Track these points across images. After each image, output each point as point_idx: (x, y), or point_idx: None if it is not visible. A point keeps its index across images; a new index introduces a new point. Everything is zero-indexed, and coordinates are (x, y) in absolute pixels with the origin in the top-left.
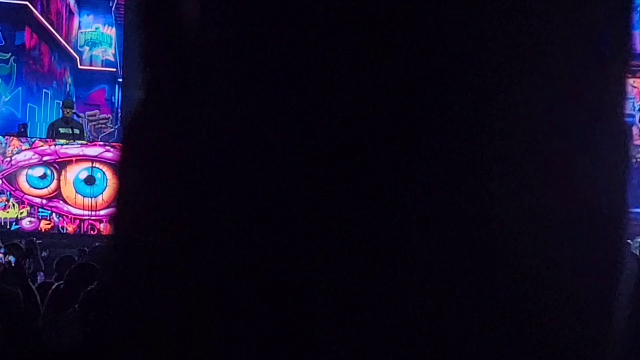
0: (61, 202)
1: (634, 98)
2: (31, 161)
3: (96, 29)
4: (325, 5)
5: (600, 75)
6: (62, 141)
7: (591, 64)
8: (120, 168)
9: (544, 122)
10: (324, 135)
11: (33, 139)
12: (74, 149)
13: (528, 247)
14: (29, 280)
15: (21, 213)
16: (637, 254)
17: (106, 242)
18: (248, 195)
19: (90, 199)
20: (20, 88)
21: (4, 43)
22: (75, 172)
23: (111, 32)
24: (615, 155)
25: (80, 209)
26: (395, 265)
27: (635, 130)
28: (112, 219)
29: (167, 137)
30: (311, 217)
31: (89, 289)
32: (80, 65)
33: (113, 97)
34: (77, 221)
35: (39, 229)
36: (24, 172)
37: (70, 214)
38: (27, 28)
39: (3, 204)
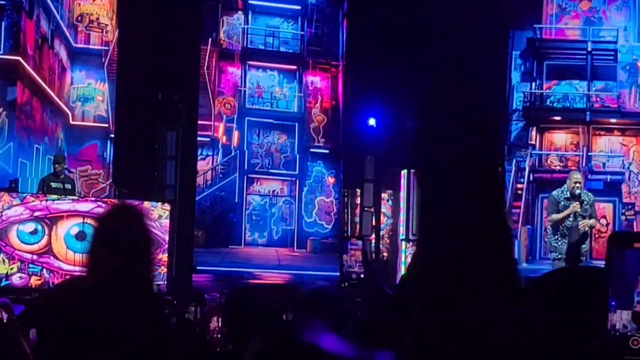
0: (52, 257)
1: (623, 156)
2: (22, 216)
3: (88, 84)
4: None
5: None
6: (54, 196)
7: None
8: None
9: None
10: None
11: (24, 194)
12: (65, 205)
13: None
14: (21, 338)
15: (11, 269)
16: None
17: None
18: None
19: (81, 254)
20: (11, 143)
21: None
22: (66, 227)
23: (103, 87)
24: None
25: (71, 264)
26: None
27: (625, 187)
28: None
29: None
30: None
31: None
32: (72, 120)
33: (105, 153)
34: (68, 277)
35: (30, 285)
36: (15, 227)
37: (61, 269)
38: (18, 83)
39: None
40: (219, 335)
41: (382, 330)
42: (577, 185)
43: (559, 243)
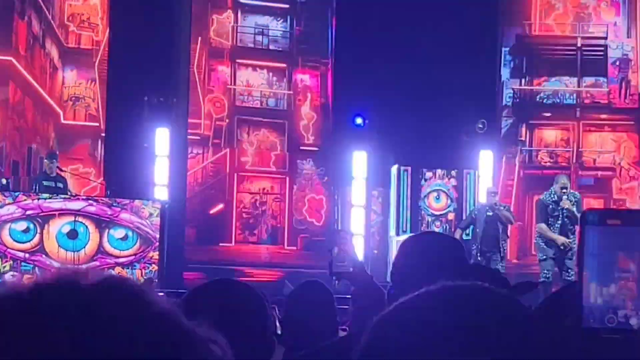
0: (44, 256)
1: (613, 152)
2: (14, 215)
3: (79, 84)
4: None
5: None
6: (45, 195)
7: None
8: None
9: None
10: None
11: (16, 193)
12: (57, 203)
13: None
14: None
15: (4, 267)
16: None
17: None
18: None
19: (72, 252)
20: (4, 143)
21: None
22: (58, 226)
23: (94, 87)
24: None
25: (62, 263)
26: None
27: (615, 183)
28: None
29: None
30: None
31: None
32: (64, 119)
33: (96, 152)
34: None
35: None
36: (7, 226)
37: (53, 268)
38: (11, 83)
39: None
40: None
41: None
42: (564, 191)
43: (547, 245)
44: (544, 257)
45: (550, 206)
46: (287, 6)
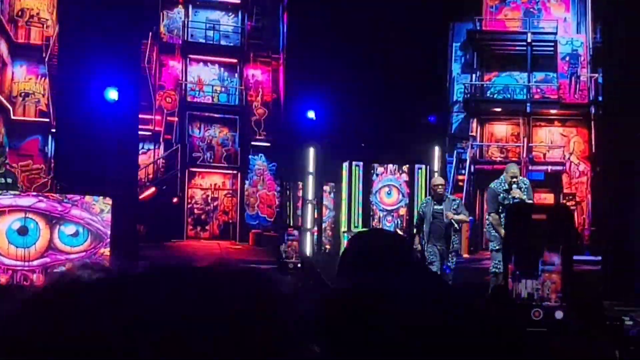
0: None
1: (563, 147)
2: None
3: (29, 79)
4: None
5: None
6: None
7: None
8: None
9: None
10: None
11: None
12: (6, 199)
13: None
14: None
15: None
16: None
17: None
18: None
19: (23, 249)
20: None
21: None
22: (8, 222)
23: (44, 82)
24: None
25: (13, 259)
26: None
27: (565, 178)
28: None
29: None
30: None
31: None
32: (14, 115)
33: (46, 148)
34: (10, 272)
35: None
36: None
37: (3, 264)
38: None
39: None
40: None
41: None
42: (514, 180)
43: (498, 234)
44: (496, 247)
45: (501, 195)
46: (238, 1)
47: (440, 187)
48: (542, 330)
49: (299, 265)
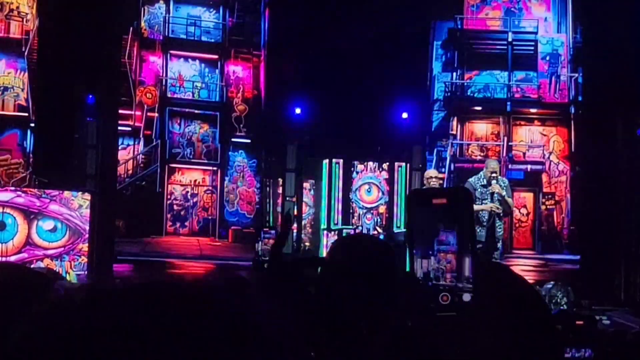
0: None
1: (543, 146)
2: None
3: (8, 73)
4: None
5: None
6: None
7: None
8: None
9: None
10: None
11: None
12: None
13: None
14: None
15: None
16: None
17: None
18: None
19: (0, 244)
20: None
21: None
22: None
23: (24, 77)
24: None
25: None
26: None
27: (545, 177)
28: None
29: None
30: None
31: None
32: None
33: (25, 142)
34: None
35: None
36: None
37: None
38: None
39: None
40: None
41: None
42: (494, 175)
43: (478, 231)
44: (478, 245)
45: (478, 190)
46: None
47: (433, 179)
48: (451, 314)
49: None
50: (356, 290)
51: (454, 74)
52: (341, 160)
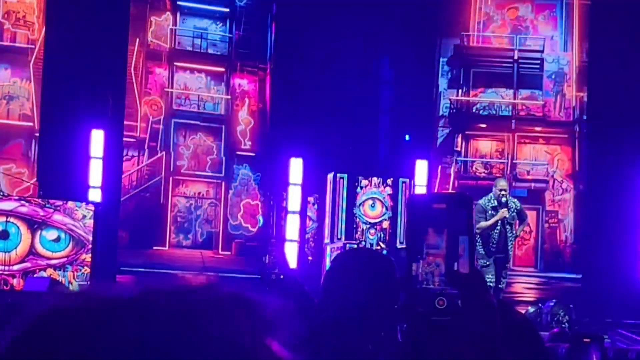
0: None
1: (547, 164)
2: None
3: (14, 82)
4: None
5: None
6: None
7: None
8: None
9: None
10: None
11: None
12: None
13: None
14: None
15: None
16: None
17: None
18: None
19: (3, 253)
20: None
21: None
22: None
23: (29, 86)
24: None
25: None
26: None
27: (548, 195)
28: None
29: None
30: None
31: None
32: None
33: (29, 152)
34: None
35: None
36: None
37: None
38: None
39: None
40: None
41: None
42: (503, 192)
43: (486, 249)
44: (486, 262)
45: (489, 212)
46: (226, 10)
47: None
48: (445, 319)
49: (281, 277)
50: (358, 301)
51: (459, 90)
52: (345, 175)
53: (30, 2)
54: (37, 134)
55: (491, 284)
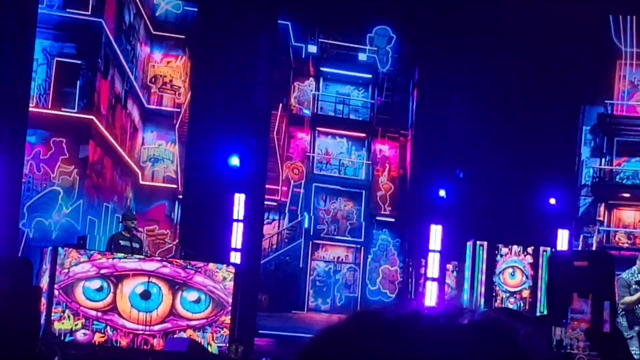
0: (116, 315)
1: None
2: (89, 273)
3: (159, 145)
4: None
5: None
6: (121, 255)
7: None
8: None
9: None
10: None
11: (92, 252)
12: (131, 263)
13: None
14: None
15: (76, 325)
16: None
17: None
18: None
19: (145, 313)
20: (81, 200)
21: (67, 156)
22: (132, 286)
23: (174, 149)
24: None
25: (134, 323)
26: None
27: None
28: None
29: None
30: None
31: None
32: (142, 180)
33: (172, 214)
34: (131, 335)
35: (93, 341)
36: (81, 284)
37: (125, 328)
38: (91, 142)
39: (59, 314)
40: None
41: None
42: None
43: (629, 321)
44: (630, 335)
45: (633, 286)
46: (369, 76)
47: None
48: None
49: None
50: None
51: (603, 159)
52: (485, 243)
53: (177, 66)
54: (180, 196)
55: (637, 356)
